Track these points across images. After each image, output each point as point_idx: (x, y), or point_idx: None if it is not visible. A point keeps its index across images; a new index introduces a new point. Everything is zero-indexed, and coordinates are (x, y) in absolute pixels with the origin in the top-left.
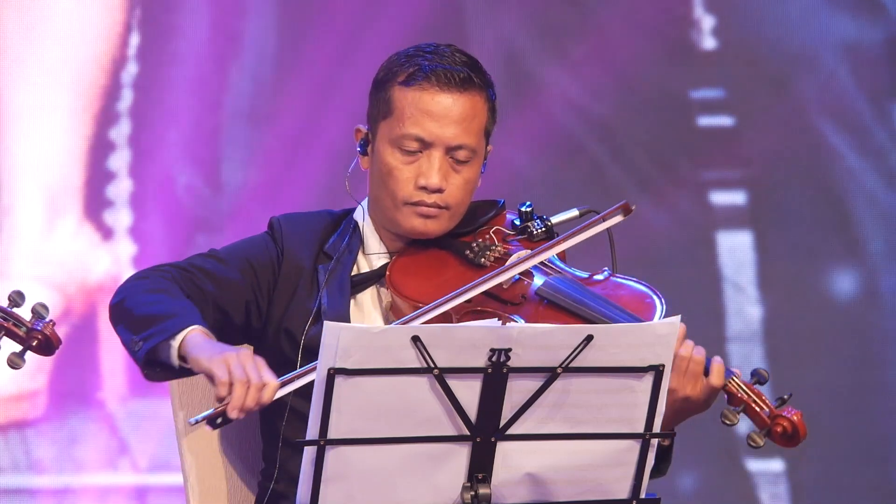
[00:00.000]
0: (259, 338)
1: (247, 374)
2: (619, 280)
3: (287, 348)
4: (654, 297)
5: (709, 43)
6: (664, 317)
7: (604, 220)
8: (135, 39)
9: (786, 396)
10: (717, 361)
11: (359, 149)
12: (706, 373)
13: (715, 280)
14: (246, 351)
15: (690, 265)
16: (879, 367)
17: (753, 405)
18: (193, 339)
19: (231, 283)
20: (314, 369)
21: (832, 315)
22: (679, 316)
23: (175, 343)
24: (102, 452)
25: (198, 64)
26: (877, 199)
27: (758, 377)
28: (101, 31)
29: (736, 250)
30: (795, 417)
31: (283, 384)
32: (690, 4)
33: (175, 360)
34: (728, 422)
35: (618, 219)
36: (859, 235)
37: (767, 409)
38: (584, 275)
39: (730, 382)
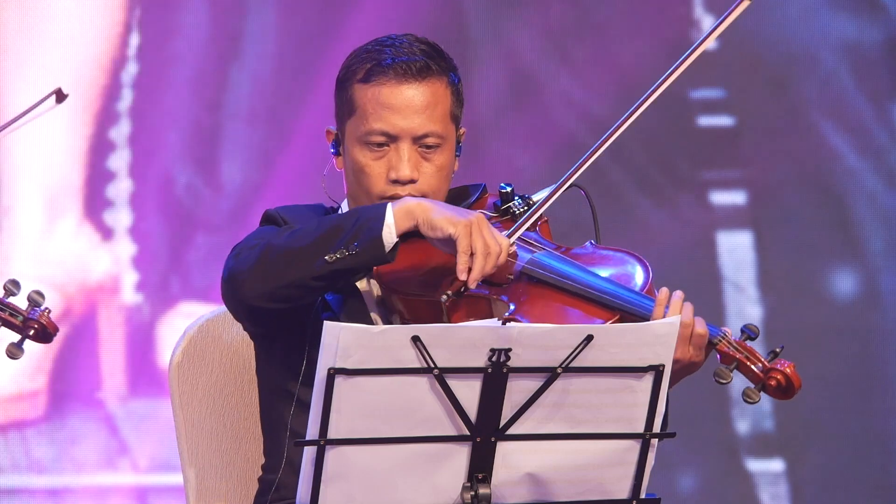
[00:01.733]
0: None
1: (487, 245)
2: (602, 251)
3: (297, 331)
4: (637, 262)
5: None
6: (648, 280)
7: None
8: (135, 39)
9: (778, 349)
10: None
11: (332, 150)
12: None
13: (715, 280)
14: (482, 218)
15: (690, 265)
16: (879, 367)
17: (746, 361)
18: (417, 205)
19: None
20: (535, 212)
21: (832, 315)
22: (679, 316)
23: (389, 219)
24: (102, 452)
25: (198, 64)
26: (877, 199)
27: (748, 333)
28: (101, 31)
29: (736, 250)
30: (789, 369)
31: (511, 236)
32: (690, 4)
33: (392, 240)
34: (722, 380)
35: (745, 3)
36: (859, 235)
37: (760, 364)
38: (566, 248)
39: (721, 341)
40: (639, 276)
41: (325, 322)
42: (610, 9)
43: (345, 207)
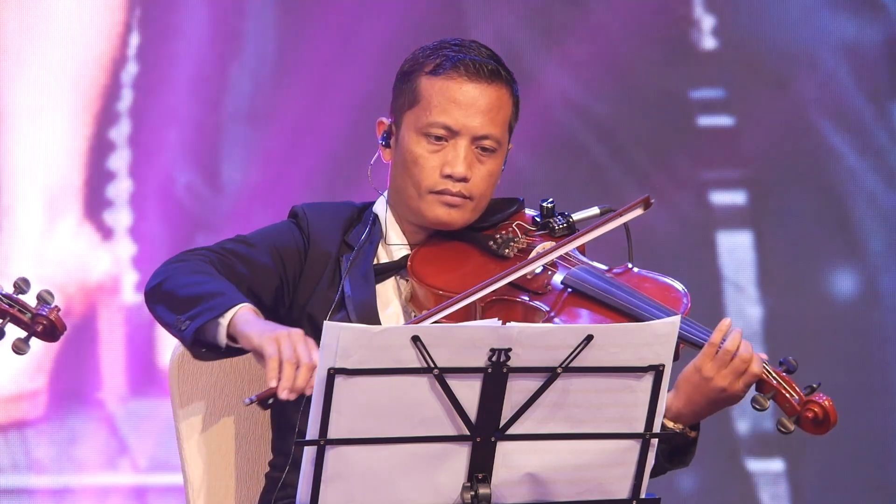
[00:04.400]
0: (282, 322)
1: (297, 355)
2: (642, 273)
3: (309, 334)
4: (680, 289)
5: (709, 43)
6: (687, 306)
7: (623, 215)
8: (135, 39)
9: (815, 385)
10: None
11: (381, 141)
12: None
13: (715, 280)
14: (297, 331)
15: (690, 265)
16: (879, 367)
17: (784, 391)
18: (244, 315)
19: (263, 267)
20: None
21: (832, 315)
22: (679, 316)
23: (224, 321)
24: (102, 452)
25: (198, 64)
26: (877, 199)
27: (787, 366)
28: (101, 31)
29: (736, 250)
30: (827, 403)
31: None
32: (690, 4)
33: (223, 339)
34: (759, 407)
35: (638, 212)
36: (859, 235)
37: (797, 396)
38: (606, 268)
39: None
40: (678, 299)
41: (324, 322)
42: (610, 8)
43: (387, 199)
